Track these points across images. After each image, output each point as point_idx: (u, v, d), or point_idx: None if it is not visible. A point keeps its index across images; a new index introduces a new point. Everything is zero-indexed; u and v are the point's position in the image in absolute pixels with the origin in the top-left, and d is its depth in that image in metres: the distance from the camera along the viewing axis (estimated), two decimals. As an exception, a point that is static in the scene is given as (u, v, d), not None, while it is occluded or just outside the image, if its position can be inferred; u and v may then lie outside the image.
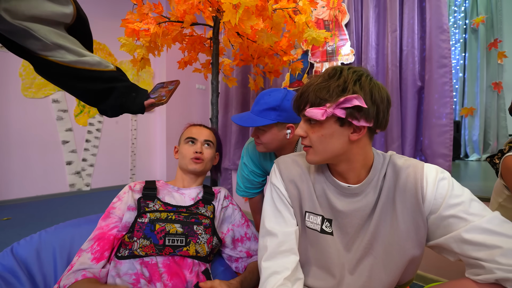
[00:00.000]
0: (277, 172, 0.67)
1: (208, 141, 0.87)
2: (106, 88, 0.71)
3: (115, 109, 0.75)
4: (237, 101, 2.27)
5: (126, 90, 0.74)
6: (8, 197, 2.68)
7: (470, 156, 3.25)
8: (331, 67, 0.57)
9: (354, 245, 0.60)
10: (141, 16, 1.25)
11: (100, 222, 0.74)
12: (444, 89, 1.40)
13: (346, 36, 1.77)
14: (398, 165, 0.58)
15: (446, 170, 0.56)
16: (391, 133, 1.56)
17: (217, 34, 1.37)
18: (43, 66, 0.64)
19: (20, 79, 2.69)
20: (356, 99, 0.50)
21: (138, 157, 3.62)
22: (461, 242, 0.49)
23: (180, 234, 0.71)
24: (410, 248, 0.55)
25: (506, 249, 0.44)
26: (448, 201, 0.51)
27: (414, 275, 0.64)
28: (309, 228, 0.62)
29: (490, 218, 0.48)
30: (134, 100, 0.76)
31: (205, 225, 0.75)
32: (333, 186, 0.61)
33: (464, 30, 3.39)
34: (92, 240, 0.70)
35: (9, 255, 0.72)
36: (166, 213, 0.74)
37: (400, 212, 0.55)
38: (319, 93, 0.53)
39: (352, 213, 0.58)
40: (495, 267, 0.44)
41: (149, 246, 0.68)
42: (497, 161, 1.04)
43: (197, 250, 0.72)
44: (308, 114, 0.53)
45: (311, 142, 0.57)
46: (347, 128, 0.54)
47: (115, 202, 0.77)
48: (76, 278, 0.62)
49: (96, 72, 0.68)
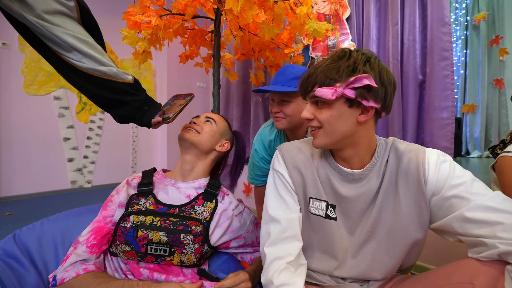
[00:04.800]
0: (280, 159, 0.66)
1: (209, 118, 0.81)
2: (117, 100, 0.70)
3: (124, 119, 0.74)
4: (238, 97, 2.28)
5: (138, 104, 0.73)
6: (10, 194, 2.68)
7: (472, 153, 3.24)
8: (340, 49, 0.56)
9: (358, 229, 0.60)
10: (142, 8, 1.26)
11: (99, 214, 0.72)
12: (446, 82, 1.40)
13: (347, 30, 1.77)
14: (400, 149, 0.59)
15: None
16: (392, 127, 1.56)
17: (218, 26, 1.37)
18: (60, 65, 0.63)
19: (22, 76, 2.70)
20: (366, 78, 0.50)
21: (139, 154, 3.63)
22: (464, 221, 0.49)
23: (163, 244, 0.64)
24: (412, 231, 0.55)
25: (508, 224, 0.45)
26: (450, 182, 0.51)
27: (417, 259, 0.64)
28: (313, 214, 0.62)
29: (491, 196, 0.49)
30: (144, 115, 0.75)
31: (195, 234, 0.66)
32: (337, 172, 0.61)
33: (466, 26, 3.38)
34: (89, 232, 0.67)
35: (12, 241, 0.72)
36: (151, 217, 0.67)
37: (402, 196, 0.56)
38: (329, 73, 0.53)
39: (356, 198, 0.59)
40: (498, 241, 0.45)
41: (131, 252, 0.64)
42: (499, 151, 1.04)
43: (182, 260, 0.65)
44: (318, 93, 0.53)
45: (320, 122, 0.56)
46: (356, 109, 0.54)
47: (113, 195, 0.74)
48: (77, 272, 0.59)
49: (112, 82, 0.67)
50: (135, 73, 3.47)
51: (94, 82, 0.66)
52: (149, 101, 0.76)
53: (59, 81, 2.91)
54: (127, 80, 0.70)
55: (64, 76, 0.66)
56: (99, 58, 0.64)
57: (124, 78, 0.70)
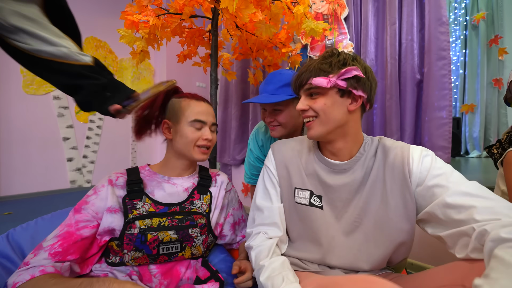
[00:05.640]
0: (271, 155, 0.74)
1: (214, 124, 0.75)
2: (73, 85, 0.62)
3: (83, 106, 0.66)
4: (236, 97, 2.28)
5: (97, 89, 0.64)
6: (9, 193, 2.69)
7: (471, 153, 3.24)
8: (328, 50, 0.65)
9: (343, 218, 0.64)
10: (140, 8, 1.26)
11: (70, 216, 0.63)
12: (443, 81, 1.40)
13: (345, 30, 1.78)
14: (387, 146, 0.64)
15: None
16: (390, 126, 1.56)
17: (216, 26, 1.38)
18: (12, 52, 0.57)
19: (22, 76, 2.71)
20: (355, 70, 0.58)
21: (138, 154, 3.63)
22: (444, 207, 0.53)
23: (174, 241, 0.64)
24: (399, 222, 0.59)
25: (480, 207, 0.48)
26: (431, 172, 0.57)
27: (406, 255, 0.65)
28: (298, 204, 0.67)
29: (469, 184, 0.54)
30: (106, 101, 0.65)
31: (201, 226, 0.69)
32: (324, 164, 0.67)
33: (465, 26, 3.38)
34: (56, 237, 0.59)
35: (4, 240, 0.72)
36: (158, 219, 0.64)
37: (389, 189, 0.60)
38: (322, 67, 0.60)
39: (340, 188, 0.64)
40: (474, 225, 0.47)
41: (142, 257, 0.62)
42: (495, 151, 1.04)
43: (192, 252, 0.68)
44: (315, 82, 0.59)
45: (315, 111, 0.62)
46: (346, 99, 0.61)
47: (89, 196, 0.65)
48: (32, 275, 0.51)
49: (64, 65, 0.59)
50: (135, 72, 3.47)
51: (42, 66, 0.58)
52: (114, 86, 0.67)
53: (58, 81, 2.92)
54: (83, 62, 0.61)
55: (19, 62, 0.60)
56: (48, 38, 0.57)
57: (79, 60, 0.61)
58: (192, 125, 0.71)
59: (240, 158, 2.32)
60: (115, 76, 0.69)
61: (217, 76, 1.41)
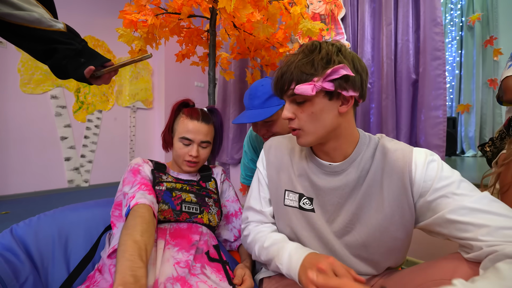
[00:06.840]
0: (263, 156, 0.72)
1: (205, 142, 0.80)
2: (47, 50, 0.63)
3: (58, 70, 0.67)
4: (235, 96, 2.29)
5: (71, 53, 0.66)
6: (6, 193, 2.68)
7: (467, 152, 3.27)
8: (308, 42, 0.55)
9: (335, 223, 0.60)
10: (138, 7, 1.27)
11: (133, 180, 0.71)
12: (438, 81, 1.42)
13: (342, 30, 1.80)
14: (387, 147, 0.58)
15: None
16: (386, 125, 1.58)
17: (214, 26, 1.39)
18: None
19: (19, 75, 2.70)
20: (342, 68, 0.49)
21: (136, 154, 3.63)
22: (449, 222, 0.48)
23: (194, 203, 0.75)
24: (394, 231, 0.54)
25: (494, 227, 0.44)
26: (437, 182, 0.50)
27: (403, 260, 0.63)
28: (288, 206, 0.64)
29: (478, 198, 0.47)
30: (80, 67, 0.67)
31: (214, 199, 0.80)
32: (315, 166, 0.62)
33: (460, 27, 3.41)
34: (137, 184, 0.69)
35: (8, 234, 0.73)
36: (180, 184, 0.77)
37: (386, 195, 0.55)
38: (304, 68, 0.52)
39: (331, 191, 0.59)
40: (483, 244, 0.44)
41: (168, 210, 0.71)
42: (487, 149, 1.06)
43: (209, 219, 0.76)
44: (298, 91, 0.51)
45: (299, 124, 0.56)
46: (336, 101, 0.53)
47: (139, 165, 0.77)
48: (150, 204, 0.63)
49: (37, 31, 0.60)
50: (133, 72, 3.47)
51: (14, 32, 0.59)
52: (88, 53, 0.69)
53: (56, 80, 2.91)
54: (55, 28, 0.63)
55: None
56: (18, 3, 0.57)
57: (52, 26, 0.62)
58: (181, 141, 0.79)
59: (238, 157, 2.34)
60: (88, 44, 0.71)
61: (215, 75, 1.42)
